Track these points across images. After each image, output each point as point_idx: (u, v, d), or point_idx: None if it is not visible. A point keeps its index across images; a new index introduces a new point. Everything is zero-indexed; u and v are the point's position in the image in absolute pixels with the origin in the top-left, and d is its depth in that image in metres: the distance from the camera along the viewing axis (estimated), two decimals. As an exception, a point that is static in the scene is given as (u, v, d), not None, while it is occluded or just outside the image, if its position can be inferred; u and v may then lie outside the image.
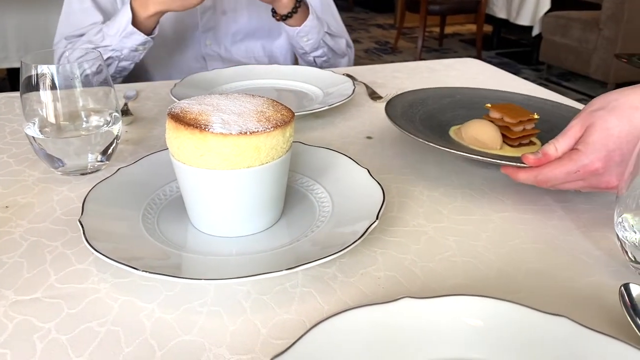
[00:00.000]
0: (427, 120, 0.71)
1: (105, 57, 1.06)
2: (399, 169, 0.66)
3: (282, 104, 0.52)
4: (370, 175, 0.56)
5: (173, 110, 0.49)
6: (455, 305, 0.38)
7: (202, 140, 0.46)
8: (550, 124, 0.71)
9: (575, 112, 0.73)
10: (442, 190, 0.61)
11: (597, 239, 0.52)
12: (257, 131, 0.46)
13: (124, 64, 1.09)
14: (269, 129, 0.47)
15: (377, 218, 0.48)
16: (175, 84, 0.87)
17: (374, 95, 0.91)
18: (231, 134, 0.45)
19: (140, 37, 1.03)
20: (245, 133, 0.46)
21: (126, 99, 0.88)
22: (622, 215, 0.47)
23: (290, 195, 0.57)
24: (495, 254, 0.50)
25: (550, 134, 0.69)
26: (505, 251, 0.50)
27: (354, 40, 5.21)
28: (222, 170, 0.46)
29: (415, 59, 4.59)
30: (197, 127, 0.46)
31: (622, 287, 0.41)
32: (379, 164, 0.67)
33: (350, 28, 5.90)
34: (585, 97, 3.68)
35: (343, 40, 1.24)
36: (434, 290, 0.45)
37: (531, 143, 0.67)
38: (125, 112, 0.82)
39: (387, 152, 0.70)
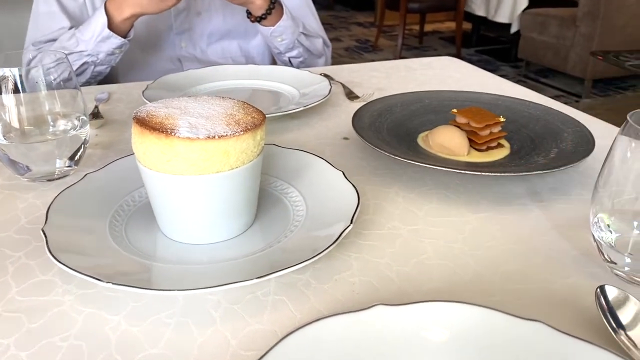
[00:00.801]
0: (394, 129, 0.70)
1: (80, 62, 1.03)
2: (375, 170, 0.65)
3: (253, 106, 0.51)
4: (345, 177, 0.55)
5: (139, 114, 0.47)
6: (430, 312, 0.37)
7: (168, 146, 0.44)
8: (518, 124, 0.71)
9: (542, 110, 0.73)
10: (418, 191, 0.60)
11: (573, 239, 0.51)
12: (226, 135, 0.45)
13: (100, 68, 1.06)
14: (238, 132, 0.45)
15: (351, 222, 0.47)
16: (147, 86, 0.85)
17: (351, 95, 0.90)
18: (198, 138, 0.44)
19: (116, 40, 1.01)
20: (213, 137, 0.44)
21: (97, 102, 0.86)
22: (598, 215, 0.47)
23: (264, 199, 0.56)
24: (472, 256, 0.49)
25: (518, 135, 0.69)
26: (482, 253, 0.49)
27: (335, 39, 5.24)
28: (189, 176, 0.45)
29: (395, 57, 4.59)
30: (163, 132, 0.44)
31: (598, 289, 0.40)
32: (355, 165, 0.66)
33: (330, 26, 5.90)
34: (563, 94, 3.72)
35: (319, 40, 1.22)
36: (410, 296, 0.44)
37: (499, 146, 0.67)
38: (95, 115, 0.80)
39: (363, 153, 0.69)
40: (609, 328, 0.38)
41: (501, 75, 1.04)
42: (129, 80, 1.18)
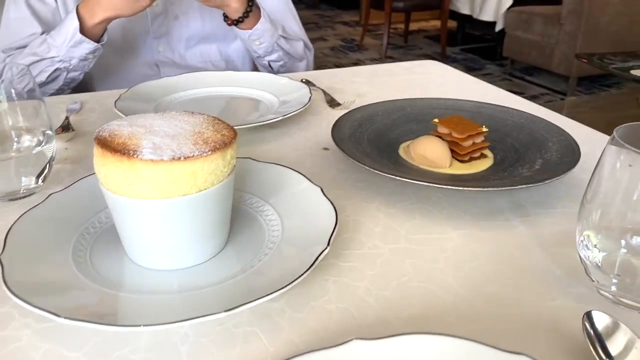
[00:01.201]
0: (375, 140, 0.68)
1: (52, 69, 1.00)
2: (355, 183, 0.63)
3: (224, 122, 0.48)
4: (324, 194, 0.53)
5: (101, 133, 0.44)
6: (409, 345, 0.35)
7: (130, 168, 0.41)
8: (501, 133, 0.69)
9: (525, 117, 0.71)
10: (399, 206, 0.58)
11: (559, 257, 0.50)
12: (193, 156, 0.42)
13: (73, 74, 1.03)
14: (206, 152, 0.43)
15: (328, 244, 0.45)
16: (120, 95, 0.82)
17: (332, 103, 0.88)
18: (162, 160, 0.41)
19: (89, 45, 0.98)
20: (179, 158, 0.41)
21: (69, 112, 0.83)
22: (584, 233, 0.45)
23: (238, 218, 0.53)
24: (454, 278, 0.47)
25: (502, 144, 0.67)
26: (464, 274, 0.47)
27: (320, 38, 5.22)
28: (154, 200, 0.42)
29: (381, 57, 4.58)
30: (125, 154, 0.41)
31: (585, 316, 0.38)
32: (335, 178, 0.64)
33: (316, 25, 5.88)
34: (548, 92, 3.73)
35: (300, 43, 1.20)
36: (389, 324, 0.42)
37: (483, 156, 0.65)
38: (65, 127, 0.77)
39: (344, 164, 0.67)
40: (597, 358, 0.36)
41: (486, 74, 1.02)
42: (105, 87, 1.15)
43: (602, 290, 0.44)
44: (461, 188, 0.53)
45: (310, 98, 0.82)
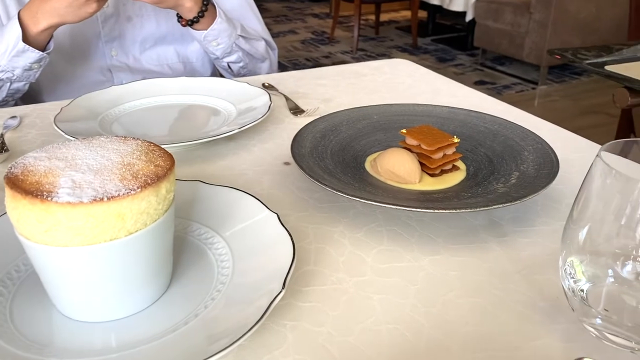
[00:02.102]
0: (340, 153, 0.62)
1: None
2: (318, 203, 0.57)
3: (160, 149, 0.42)
4: (280, 222, 0.47)
5: (13, 170, 0.38)
6: (374, 417, 0.30)
7: (45, 212, 0.35)
8: (475, 141, 0.64)
9: (499, 123, 0.67)
10: (366, 229, 0.53)
11: (540, 285, 0.45)
12: (118, 195, 0.36)
13: (17, 85, 0.95)
14: (134, 190, 0.37)
15: (283, 287, 0.40)
16: (61, 109, 0.75)
17: (295, 110, 0.82)
18: (82, 202, 0.35)
19: (34, 54, 0.90)
20: (102, 199, 0.35)
21: (4, 129, 0.76)
22: (568, 259, 0.40)
23: (186, 251, 0.48)
24: (426, 316, 0.42)
25: (475, 154, 0.63)
26: (437, 310, 0.42)
27: (290, 31, 5.15)
28: (75, 247, 0.36)
29: (352, 49, 4.53)
30: (37, 196, 0.35)
31: (574, 365, 0.34)
32: (296, 198, 0.58)
33: (286, 18, 5.80)
34: (520, 81, 3.72)
35: (262, 43, 1.14)
36: (353, 378, 0.37)
37: (455, 168, 0.60)
38: (-1, 147, 0.70)
39: (306, 181, 0.61)
40: (590, 418, 0.32)
41: (458, 65, 0.97)
42: (54, 96, 1.07)
43: (586, 325, 0.40)
44: (431, 211, 0.48)
45: (270, 107, 0.76)
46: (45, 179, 0.37)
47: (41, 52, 0.91)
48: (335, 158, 0.61)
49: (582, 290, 0.39)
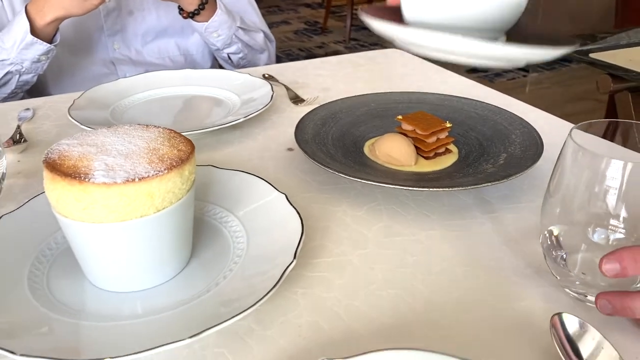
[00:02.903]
0: (340, 139, 0.67)
1: (3, 72, 0.96)
2: (321, 186, 0.62)
3: (180, 135, 0.47)
4: (289, 201, 0.52)
5: (50, 156, 0.42)
6: (379, 362, 0.35)
7: (83, 192, 0.39)
8: (466, 126, 0.69)
9: (489, 109, 0.71)
10: (367, 208, 0.57)
11: (525, 254, 0.50)
12: (148, 176, 0.40)
13: (25, 77, 0.99)
14: (162, 171, 0.41)
15: (294, 257, 0.44)
16: (74, 101, 0.78)
17: (296, 99, 0.86)
18: (116, 182, 0.39)
19: (42, 46, 0.94)
20: (134, 180, 0.40)
21: (20, 121, 0.79)
22: (548, 228, 0.45)
23: (203, 230, 0.52)
24: (423, 282, 0.47)
25: (466, 137, 0.67)
26: (433, 278, 0.47)
27: (283, 22, 5.14)
28: (110, 224, 0.40)
29: (345, 39, 4.55)
30: (76, 177, 0.39)
31: (556, 318, 0.38)
32: (300, 181, 0.63)
33: (278, 9, 5.78)
34: (508, 71, 3.76)
35: (260, 35, 1.17)
36: (360, 336, 0.41)
37: (447, 151, 0.64)
38: (17, 138, 0.73)
39: (309, 165, 0.65)
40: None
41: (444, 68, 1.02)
42: (60, 88, 1.10)
43: (567, 289, 0.44)
44: (427, 189, 0.53)
45: (272, 96, 0.80)
46: (80, 162, 0.41)
47: (49, 44, 0.95)
48: (336, 143, 0.66)
49: (562, 258, 0.44)
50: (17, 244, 0.48)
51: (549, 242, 0.44)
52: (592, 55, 1.11)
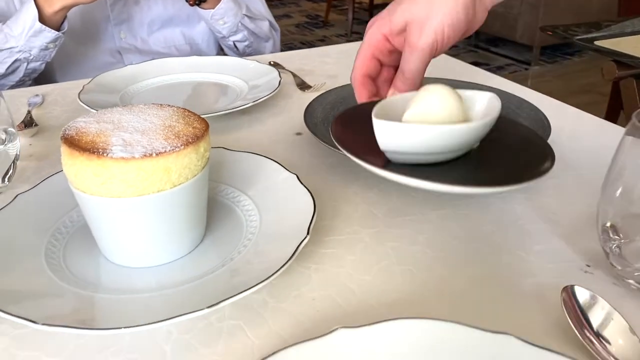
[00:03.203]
0: None
1: (11, 60, 0.96)
2: (331, 168, 0.62)
3: (194, 114, 0.47)
4: (300, 181, 0.53)
5: (67, 132, 0.43)
6: (393, 331, 0.35)
7: (101, 167, 0.40)
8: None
9: (497, 93, 0.71)
10: (376, 189, 0.58)
11: (533, 233, 0.50)
12: (165, 151, 0.41)
13: (34, 65, 0.99)
14: (178, 147, 0.42)
15: (307, 233, 0.45)
16: (83, 87, 0.79)
17: (302, 86, 0.87)
18: (134, 157, 0.40)
19: (50, 34, 0.95)
20: (151, 155, 0.40)
21: (30, 106, 0.80)
22: (606, 220, 0.43)
23: (216, 209, 0.52)
24: (434, 259, 0.47)
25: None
26: (444, 255, 0.48)
27: (285, 15, 5.14)
28: (128, 198, 0.41)
29: (346, 32, 4.55)
30: (94, 152, 0.40)
31: (569, 290, 0.39)
32: (310, 164, 0.63)
33: (280, 2, 5.77)
34: (513, 62, 3.77)
35: (266, 23, 1.18)
36: (372, 308, 0.42)
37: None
38: (28, 122, 0.74)
39: (318, 149, 0.66)
40: (577, 333, 0.37)
41: (452, 47, 1.02)
42: (67, 76, 1.11)
43: (626, 279, 0.43)
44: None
45: (280, 82, 0.80)
46: (98, 138, 0.41)
47: (57, 32, 0.95)
48: (345, 127, 0.66)
49: (618, 248, 0.44)
50: (33, 222, 0.49)
51: (607, 234, 0.44)
52: (597, 42, 1.11)
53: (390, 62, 0.55)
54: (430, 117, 0.42)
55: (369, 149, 0.43)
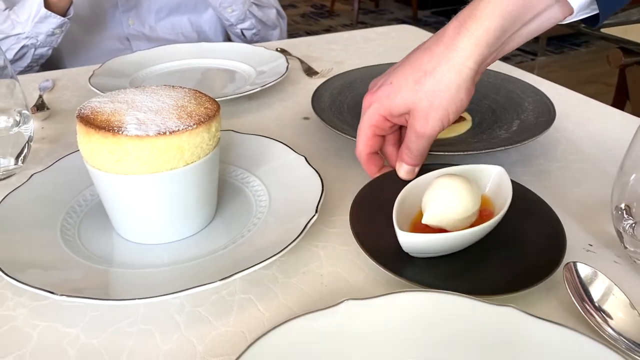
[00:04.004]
0: (356, 107, 0.68)
1: (19, 46, 0.97)
2: (338, 151, 0.63)
3: (205, 95, 0.48)
4: (308, 163, 0.54)
5: (82, 111, 0.44)
6: (399, 302, 0.37)
7: (116, 144, 0.41)
8: (479, 95, 0.70)
9: (502, 78, 0.72)
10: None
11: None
12: (178, 130, 0.42)
13: (41, 51, 1.00)
14: (191, 126, 0.43)
15: (316, 212, 0.46)
16: (93, 72, 0.80)
17: (309, 71, 0.88)
18: (148, 135, 0.41)
19: (56, 19, 0.95)
20: (165, 133, 0.41)
21: (41, 91, 0.81)
22: (620, 203, 0.44)
23: (225, 190, 0.54)
24: (439, 238, 0.48)
25: (480, 106, 0.68)
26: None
27: (290, 5, 5.12)
28: (141, 175, 0.42)
29: (352, 22, 4.54)
30: (109, 130, 0.41)
31: (570, 265, 0.40)
32: (317, 147, 0.64)
33: (285, -9, 5.73)
34: (519, 52, 3.75)
35: (273, 11, 1.19)
36: (378, 283, 0.43)
37: (461, 119, 0.66)
38: (40, 106, 0.75)
39: (325, 133, 0.67)
40: (579, 307, 0.38)
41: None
42: (76, 62, 1.12)
43: (637, 260, 0.44)
44: (442, 153, 0.54)
45: (287, 67, 0.81)
46: (112, 117, 0.43)
47: (63, 17, 0.96)
48: (352, 111, 0.67)
49: (632, 228, 0.44)
50: (48, 200, 0.50)
51: (622, 216, 0.44)
52: (603, 30, 1.12)
53: (393, 130, 0.54)
54: (449, 215, 0.43)
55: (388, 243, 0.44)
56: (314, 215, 0.45)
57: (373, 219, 0.46)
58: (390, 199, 0.44)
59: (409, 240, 0.42)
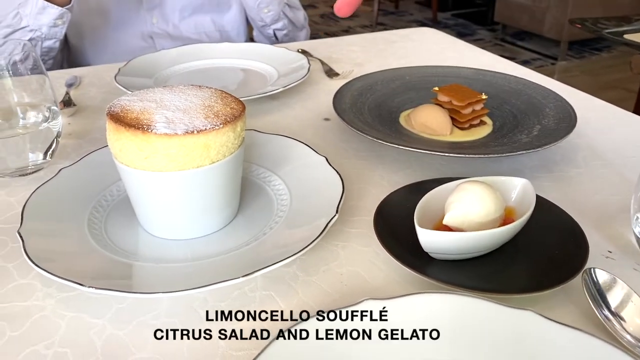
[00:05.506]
0: (376, 109, 0.69)
1: (26, 39, 0.99)
2: (358, 152, 0.64)
3: (231, 96, 0.49)
4: (329, 163, 0.54)
5: (113, 109, 0.45)
6: (418, 303, 0.37)
7: (145, 142, 0.42)
8: (500, 99, 0.70)
9: (523, 84, 0.73)
10: (402, 173, 0.59)
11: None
12: (205, 129, 0.43)
13: (47, 43, 1.01)
14: (218, 125, 0.44)
15: (336, 212, 0.47)
16: (119, 69, 0.82)
17: (330, 73, 0.88)
18: (176, 134, 0.42)
19: (54, 10, 0.95)
20: (192, 132, 0.43)
21: (67, 87, 0.83)
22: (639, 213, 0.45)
23: (247, 189, 0.55)
24: (458, 241, 0.49)
25: (501, 110, 0.69)
26: (468, 237, 0.49)
27: (310, 5, 5.14)
28: (169, 172, 0.43)
29: (372, 23, 4.53)
30: (139, 128, 0.42)
31: (590, 272, 0.40)
32: (338, 148, 0.65)
33: (305, -8, 5.76)
34: (540, 57, 3.72)
35: (302, 12, 1.21)
36: (397, 284, 0.44)
37: (482, 123, 0.66)
38: (67, 102, 0.77)
39: (346, 134, 0.68)
40: (597, 313, 0.38)
41: (478, 40, 1.02)
42: (100, 60, 1.14)
43: None
44: (462, 155, 0.55)
45: (309, 69, 0.82)
46: (142, 115, 0.44)
47: (60, 8, 0.95)
48: (372, 113, 0.68)
49: None
50: (76, 194, 0.52)
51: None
52: (626, 36, 1.11)
53: None
54: (470, 217, 0.43)
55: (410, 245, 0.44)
56: (334, 216, 0.46)
57: (397, 222, 0.47)
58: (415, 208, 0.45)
59: (428, 239, 0.42)
